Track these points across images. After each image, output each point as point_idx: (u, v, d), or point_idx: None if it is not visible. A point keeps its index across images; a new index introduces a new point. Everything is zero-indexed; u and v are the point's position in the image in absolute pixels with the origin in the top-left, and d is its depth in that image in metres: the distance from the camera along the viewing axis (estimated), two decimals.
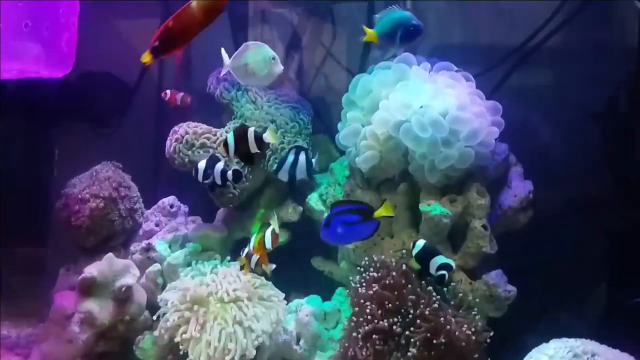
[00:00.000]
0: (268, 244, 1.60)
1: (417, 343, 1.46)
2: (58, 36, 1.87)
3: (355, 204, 1.57)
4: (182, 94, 2.01)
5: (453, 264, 1.51)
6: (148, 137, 2.35)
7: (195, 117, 1.94)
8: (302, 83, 2.27)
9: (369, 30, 1.70)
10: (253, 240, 1.63)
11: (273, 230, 1.60)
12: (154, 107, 2.30)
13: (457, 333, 1.45)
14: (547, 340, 1.45)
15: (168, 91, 1.99)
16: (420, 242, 1.53)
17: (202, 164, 1.73)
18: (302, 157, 1.76)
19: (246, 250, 1.67)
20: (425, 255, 1.52)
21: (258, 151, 1.63)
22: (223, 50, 1.70)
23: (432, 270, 1.51)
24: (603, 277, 1.87)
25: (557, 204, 1.84)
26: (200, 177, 1.73)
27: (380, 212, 1.52)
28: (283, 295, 1.77)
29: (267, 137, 1.62)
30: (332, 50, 2.26)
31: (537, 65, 2.02)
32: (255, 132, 1.62)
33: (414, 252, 1.54)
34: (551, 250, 1.82)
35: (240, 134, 1.62)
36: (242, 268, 1.70)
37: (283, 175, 1.78)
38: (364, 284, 1.56)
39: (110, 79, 2.36)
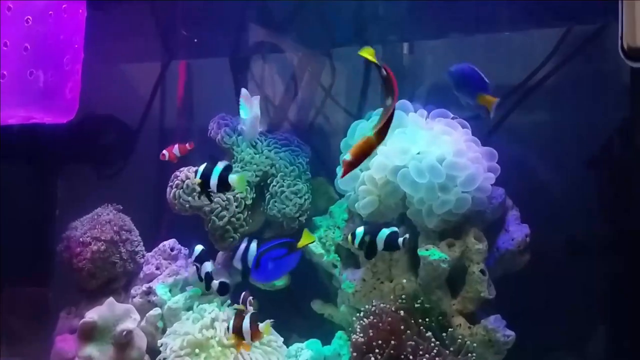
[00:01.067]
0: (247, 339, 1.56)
1: None
2: (62, 84, 1.91)
3: (278, 239, 1.68)
4: (176, 145, 1.92)
5: (397, 229, 1.53)
6: (150, 180, 2.38)
7: (198, 158, 1.95)
8: (302, 125, 2.31)
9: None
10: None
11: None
12: (156, 149, 2.32)
13: None
14: None
15: (165, 152, 1.91)
16: (360, 230, 1.55)
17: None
18: (253, 245, 1.70)
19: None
20: (371, 236, 1.54)
21: (214, 192, 1.62)
22: (252, 98, 1.73)
23: (381, 247, 1.53)
24: (603, 320, 1.87)
25: (555, 247, 1.85)
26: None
27: (302, 242, 1.65)
28: (282, 339, 1.78)
29: (234, 180, 1.59)
30: (331, 92, 2.30)
31: (533, 106, 2.05)
32: (222, 172, 1.58)
33: (357, 241, 1.55)
34: (550, 293, 1.83)
35: (209, 169, 1.60)
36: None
37: (237, 263, 1.73)
38: (361, 332, 1.57)
39: (113, 122, 2.40)
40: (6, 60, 1.82)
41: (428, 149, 1.62)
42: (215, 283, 1.74)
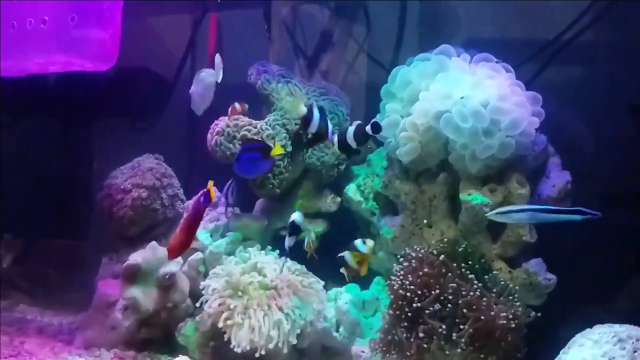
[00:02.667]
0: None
1: (462, 330, 1.48)
2: (103, 30, 1.92)
3: (259, 143, 1.79)
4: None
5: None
6: (184, 132, 2.41)
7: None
8: (336, 77, 2.30)
9: None
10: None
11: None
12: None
13: (498, 320, 1.47)
14: (585, 328, 1.46)
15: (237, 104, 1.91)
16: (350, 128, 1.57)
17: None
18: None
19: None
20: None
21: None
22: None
23: (351, 141, 1.56)
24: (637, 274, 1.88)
25: (594, 196, 1.84)
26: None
27: (274, 152, 1.72)
28: (323, 283, 1.80)
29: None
30: (364, 46, 2.29)
31: (571, 59, 2.03)
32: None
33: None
34: (587, 241, 1.82)
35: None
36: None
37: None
38: (402, 273, 1.59)
39: (149, 75, 2.41)
40: (48, 5, 1.84)
41: (471, 93, 1.61)
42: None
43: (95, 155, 2.43)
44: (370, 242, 1.62)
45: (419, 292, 1.54)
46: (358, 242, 1.62)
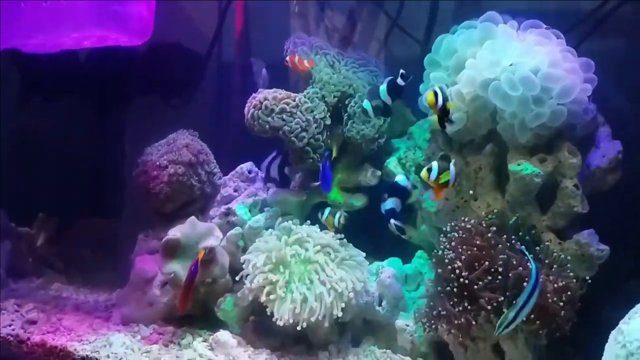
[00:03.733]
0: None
1: (511, 302, 1.44)
2: (139, 3, 1.89)
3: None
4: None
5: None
6: (218, 109, 2.38)
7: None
8: (372, 51, 2.26)
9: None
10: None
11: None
12: (225, 79, 2.33)
13: (551, 292, 1.44)
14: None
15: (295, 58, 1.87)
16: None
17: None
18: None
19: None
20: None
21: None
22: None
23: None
24: None
25: None
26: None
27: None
28: (364, 255, 1.78)
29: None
30: (397, 20, 2.24)
31: (613, 29, 1.97)
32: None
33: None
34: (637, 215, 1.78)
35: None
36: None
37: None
38: (451, 246, 1.56)
39: (182, 51, 2.38)
40: None
41: (521, 60, 1.56)
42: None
43: (128, 134, 2.41)
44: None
45: (469, 264, 1.51)
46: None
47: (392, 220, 1.77)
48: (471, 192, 1.68)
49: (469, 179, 1.71)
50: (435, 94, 1.56)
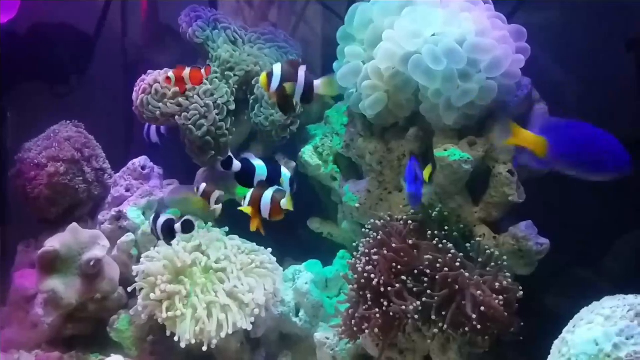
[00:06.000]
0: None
1: (439, 308, 1.26)
2: None
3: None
4: (187, 70, 1.43)
5: None
6: (112, 96, 2.09)
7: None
8: (285, 26, 2.02)
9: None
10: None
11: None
12: (119, 60, 2.04)
13: (485, 295, 1.25)
14: (578, 305, 1.26)
15: (170, 75, 1.43)
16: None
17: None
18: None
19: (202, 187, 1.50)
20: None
21: (299, 102, 1.32)
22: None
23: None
24: (634, 228, 1.67)
25: None
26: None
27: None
28: (275, 259, 1.59)
29: (319, 86, 1.31)
30: None
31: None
32: (307, 74, 1.30)
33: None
34: (577, 200, 1.61)
35: (289, 72, 1.29)
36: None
37: None
38: (366, 249, 1.37)
39: (68, 32, 2.08)
40: None
41: (445, 30, 1.37)
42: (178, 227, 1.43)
43: (7, 127, 2.09)
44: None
45: (387, 270, 1.31)
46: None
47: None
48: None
49: (393, 167, 1.52)
50: (269, 75, 1.28)
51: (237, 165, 1.39)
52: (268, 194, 1.35)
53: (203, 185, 1.49)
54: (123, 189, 1.74)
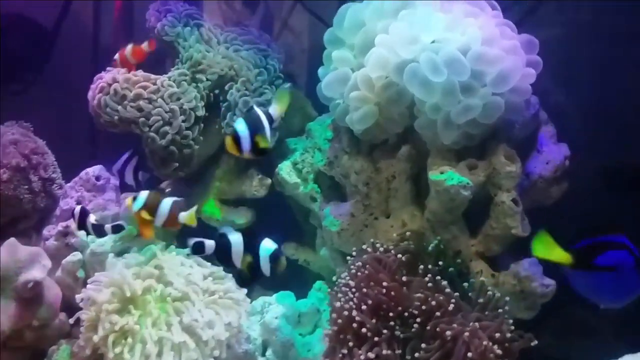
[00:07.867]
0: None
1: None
2: None
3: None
4: (129, 46, 1.50)
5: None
6: (74, 95, 1.92)
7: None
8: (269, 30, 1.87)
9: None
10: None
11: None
12: (80, 55, 1.87)
13: (483, 344, 1.08)
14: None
15: (116, 57, 1.50)
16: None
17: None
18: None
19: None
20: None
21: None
22: None
23: None
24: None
25: (595, 175, 1.48)
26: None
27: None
28: (245, 291, 1.41)
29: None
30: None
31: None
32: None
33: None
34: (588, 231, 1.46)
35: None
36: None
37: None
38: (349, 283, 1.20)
39: (23, 24, 1.91)
40: None
41: (446, 36, 1.23)
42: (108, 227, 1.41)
43: None
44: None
45: (372, 309, 1.14)
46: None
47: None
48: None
49: (380, 190, 1.37)
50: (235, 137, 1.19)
51: (210, 246, 1.33)
52: (167, 202, 1.33)
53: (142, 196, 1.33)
54: (73, 201, 1.56)
